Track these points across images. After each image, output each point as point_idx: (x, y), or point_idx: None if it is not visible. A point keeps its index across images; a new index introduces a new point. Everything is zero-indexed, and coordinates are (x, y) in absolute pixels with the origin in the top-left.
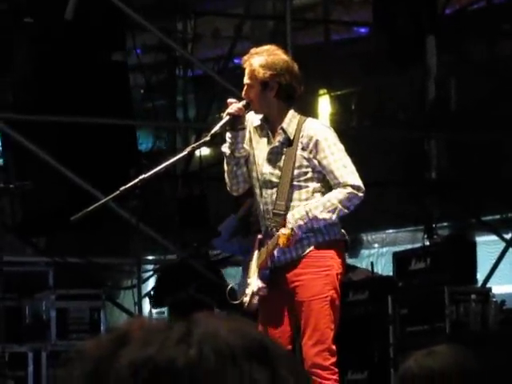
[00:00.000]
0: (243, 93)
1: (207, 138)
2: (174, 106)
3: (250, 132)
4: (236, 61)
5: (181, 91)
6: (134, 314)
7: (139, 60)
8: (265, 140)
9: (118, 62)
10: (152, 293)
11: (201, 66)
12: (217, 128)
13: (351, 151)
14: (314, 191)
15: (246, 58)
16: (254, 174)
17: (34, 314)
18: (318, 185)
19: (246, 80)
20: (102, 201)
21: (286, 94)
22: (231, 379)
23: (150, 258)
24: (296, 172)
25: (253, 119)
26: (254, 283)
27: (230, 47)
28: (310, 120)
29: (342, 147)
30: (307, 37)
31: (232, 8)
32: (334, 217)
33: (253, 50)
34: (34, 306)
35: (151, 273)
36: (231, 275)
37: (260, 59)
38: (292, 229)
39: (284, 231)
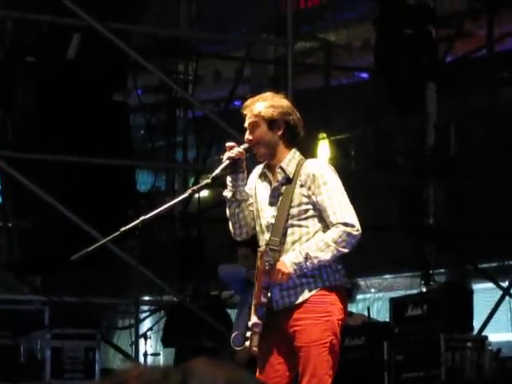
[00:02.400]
0: (247, 134)
1: (208, 181)
2: (173, 146)
3: (254, 186)
4: (236, 103)
5: (181, 132)
6: (129, 354)
7: (140, 100)
8: (266, 185)
9: (118, 102)
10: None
11: (201, 108)
12: (217, 171)
13: (349, 195)
14: (315, 232)
15: (248, 103)
16: (259, 222)
17: (29, 352)
18: (320, 224)
19: (251, 119)
20: (103, 241)
21: (291, 136)
22: None
23: (147, 298)
24: (295, 210)
25: (257, 172)
26: (251, 320)
27: (231, 90)
28: (310, 159)
29: (339, 185)
30: (307, 81)
31: (233, 51)
32: (329, 256)
33: (254, 98)
34: (29, 345)
35: (147, 313)
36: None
37: (264, 102)
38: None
39: (278, 266)
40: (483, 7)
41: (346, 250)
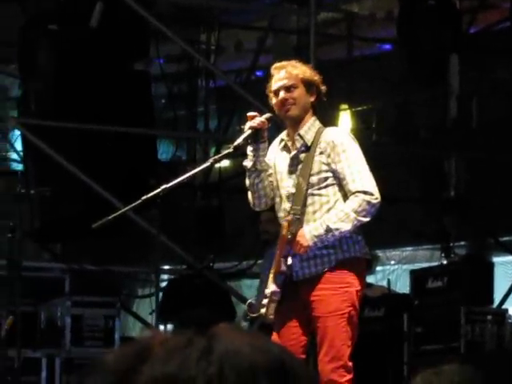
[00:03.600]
0: (283, 94)
1: (230, 150)
2: (195, 116)
3: (274, 157)
4: (258, 73)
5: (202, 102)
6: (149, 323)
7: (162, 70)
8: (286, 155)
9: (140, 71)
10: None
11: (224, 77)
12: (239, 140)
13: (370, 167)
14: (336, 200)
15: (279, 65)
16: (278, 192)
17: (49, 319)
18: (340, 193)
19: (289, 80)
20: (124, 209)
21: (318, 103)
22: None
23: (166, 267)
24: (315, 179)
25: (277, 142)
26: (269, 288)
27: (253, 60)
28: (329, 127)
29: (359, 153)
30: (330, 52)
31: (255, 21)
32: (349, 226)
33: (283, 62)
34: (49, 312)
35: (167, 283)
36: (247, 286)
37: (301, 66)
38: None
39: (298, 237)
40: None
41: (366, 219)
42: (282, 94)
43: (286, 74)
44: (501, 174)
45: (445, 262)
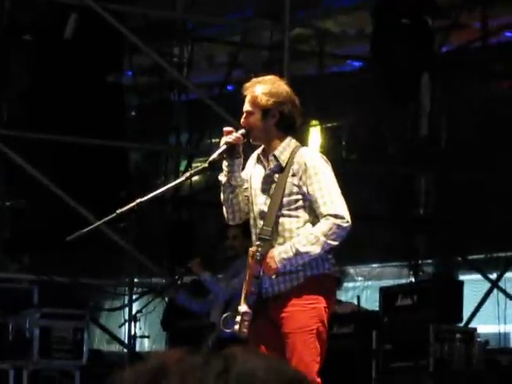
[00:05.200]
0: (242, 119)
1: (205, 165)
2: (166, 129)
3: (250, 171)
4: (229, 88)
5: (174, 115)
6: (117, 336)
7: (135, 81)
8: (261, 171)
9: (113, 83)
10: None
11: (196, 90)
12: (215, 156)
13: (339, 184)
14: (305, 222)
15: (248, 85)
16: (252, 207)
17: (18, 330)
18: (311, 215)
19: (247, 107)
20: (99, 222)
21: (286, 124)
22: None
23: (136, 280)
24: (286, 200)
25: (254, 157)
26: (241, 308)
27: (226, 74)
28: (304, 148)
29: (331, 176)
30: (301, 68)
31: (227, 35)
32: (319, 249)
33: (255, 79)
34: (17, 323)
35: (137, 295)
36: None
37: (263, 87)
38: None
39: (268, 259)
40: None
41: (335, 243)
42: (242, 118)
43: (248, 97)
44: (470, 192)
45: (413, 280)
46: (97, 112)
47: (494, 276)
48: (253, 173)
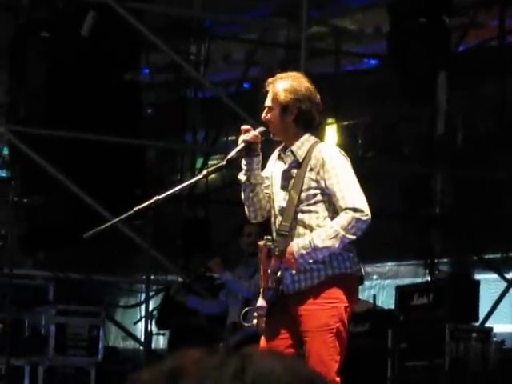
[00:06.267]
0: (263, 114)
1: (223, 163)
2: (183, 127)
3: (272, 169)
4: (245, 85)
5: (190, 113)
6: (133, 333)
7: (152, 79)
8: (281, 167)
9: (131, 81)
10: (157, 313)
11: (212, 88)
12: (233, 154)
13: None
14: (325, 217)
15: (270, 80)
16: (273, 204)
17: (33, 327)
18: (330, 209)
19: (268, 102)
20: (116, 219)
21: (305, 121)
22: None
23: (152, 277)
24: (304, 195)
25: (276, 154)
26: (258, 302)
27: (243, 72)
28: (322, 144)
29: (350, 170)
30: (317, 66)
31: (243, 33)
32: (338, 243)
33: (279, 75)
34: (33, 320)
35: (153, 293)
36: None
37: (284, 83)
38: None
39: (287, 254)
40: None
41: (355, 237)
42: (263, 113)
43: (270, 93)
44: (486, 191)
45: (429, 279)
46: (113, 109)
47: (510, 275)
48: (274, 170)
